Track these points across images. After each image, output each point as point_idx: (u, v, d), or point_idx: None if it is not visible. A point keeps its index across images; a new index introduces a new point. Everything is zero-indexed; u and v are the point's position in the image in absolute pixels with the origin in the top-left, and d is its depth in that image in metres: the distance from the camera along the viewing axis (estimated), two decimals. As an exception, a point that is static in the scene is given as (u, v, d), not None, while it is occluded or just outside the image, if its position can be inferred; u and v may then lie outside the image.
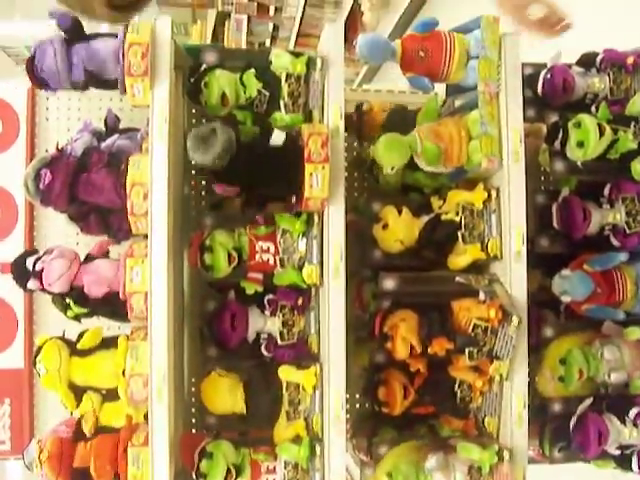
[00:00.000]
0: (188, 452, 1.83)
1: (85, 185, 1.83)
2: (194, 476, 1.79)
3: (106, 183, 1.81)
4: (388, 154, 1.89)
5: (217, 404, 1.94)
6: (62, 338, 1.89)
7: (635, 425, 1.97)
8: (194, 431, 2.12)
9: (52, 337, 1.88)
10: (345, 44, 1.96)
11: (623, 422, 1.99)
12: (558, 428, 2.07)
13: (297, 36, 5.72)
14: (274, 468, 1.86)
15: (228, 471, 1.80)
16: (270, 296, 1.95)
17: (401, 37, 1.97)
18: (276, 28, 5.83)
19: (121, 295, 1.79)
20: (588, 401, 2.03)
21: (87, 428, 1.84)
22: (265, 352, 1.93)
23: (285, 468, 1.83)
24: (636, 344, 2.09)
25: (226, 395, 1.92)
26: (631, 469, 2.02)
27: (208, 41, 5.28)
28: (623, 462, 2.04)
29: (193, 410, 2.16)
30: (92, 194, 1.83)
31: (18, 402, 2.21)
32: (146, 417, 1.81)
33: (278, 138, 1.84)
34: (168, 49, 1.79)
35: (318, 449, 1.85)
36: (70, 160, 1.85)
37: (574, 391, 2.07)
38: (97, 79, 1.86)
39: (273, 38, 5.89)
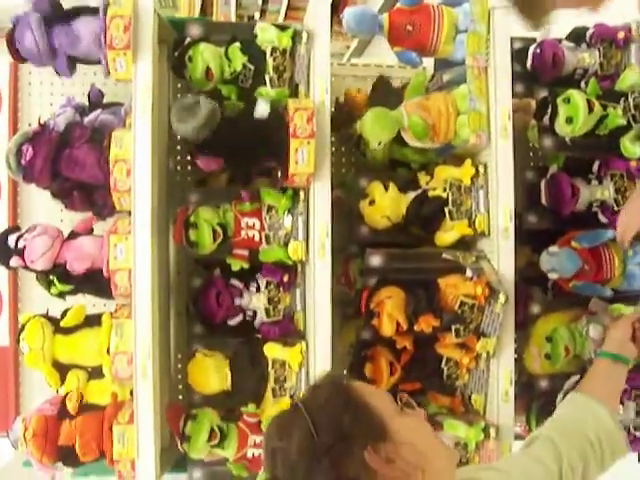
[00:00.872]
0: (174, 419, 1.83)
1: (67, 161, 1.81)
2: (179, 441, 1.79)
3: (88, 159, 1.79)
4: (375, 129, 1.88)
5: (204, 385, 1.93)
6: (46, 316, 1.88)
7: (621, 402, 1.97)
8: (181, 408, 2.12)
9: (36, 315, 1.87)
10: (334, 17, 1.93)
11: (609, 399, 1.99)
12: (545, 404, 2.07)
13: (287, 9, 5.65)
14: (261, 443, 1.85)
15: (212, 432, 1.81)
16: (256, 273, 1.94)
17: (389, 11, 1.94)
18: (265, 1, 5.75)
19: (105, 272, 1.77)
20: (574, 378, 2.03)
21: (71, 406, 1.83)
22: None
23: (272, 444, 1.83)
24: (622, 321, 2.08)
25: (212, 375, 1.91)
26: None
27: (196, 14, 5.21)
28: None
29: (180, 387, 2.14)
30: (74, 170, 1.80)
31: (3, 380, 2.19)
32: (132, 394, 1.80)
33: (262, 108, 1.82)
34: (151, 22, 1.76)
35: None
36: (52, 135, 1.82)
37: (560, 368, 2.07)
38: (81, 61, 1.84)
39: (263, 11, 5.80)
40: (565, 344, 2.03)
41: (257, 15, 5.83)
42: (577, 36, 2.16)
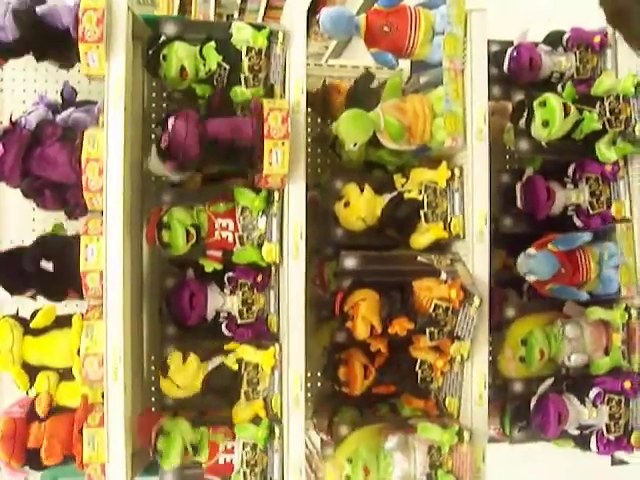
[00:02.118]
0: (145, 430, 1.80)
1: (39, 159, 1.77)
2: (152, 453, 1.77)
3: (60, 157, 1.76)
4: (351, 130, 1.87)
5: (175, 388, 1.90)
6: (15, 317, 1.85)
7: (595, 406, 1.98)
8: (153, 410, 2.09)
9: (5, 316, 1.83)
10: (312, 18, 1.92)
11: (583, 403, 2.00)
12: (519, 408, 2.08)
13: (266, 8, 5.63)
14: (232, 448, 1.84)
15: (185, 449, 1.79)
16: (230, 274, 1.92)
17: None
18: (244, 0, 5.73)
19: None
20: (549, 381, 2.04)
21: (41, 408, 1.80)
22: (227, 331, 1.90)
23: (243, 449, 1.82)
24: (597, 325, 2.09)
25: (186, 378, 1.89)
26: (590, 449, 2.03)
27: (175, 12, 5.18)
28: (582, 442, 2.05)
29: (153, 389, 2.12)
30: (46, 169, 1.77)
31: (-28, 382, 2.16)
32: (103, 397, 1.77)
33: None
34: (124, 17, 1.74)
35: (277, 430, 1.83)
36: (23, 133, 1.78)
37: (535, 371, 2.08)
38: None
39: (241, 10, 5.78)
40: (540, 347, 2.04)
41: (236, 14, 5.81)
42: (554, 40, 2.17)
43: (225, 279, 1.92)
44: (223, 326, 1.92)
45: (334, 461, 1.85)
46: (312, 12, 1.93)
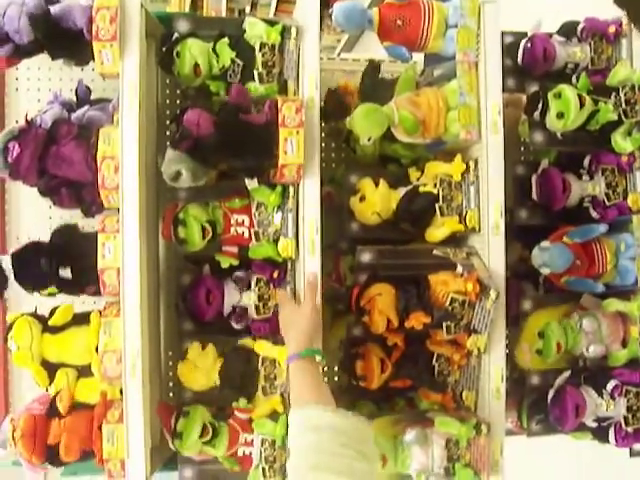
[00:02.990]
0: (166, 416, 1.82)
1: (54, 158, 1.78)
2: (170, 438, 1.79)
3: (75, 156, 1.76)
4: (365, 124, 1.86)
5: (194, 381, 1.92)
6: (34, 315, 1.86)
7: (612, 398, 1.97)
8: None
9: (24, 314, 1.85)
10: (325, 11, 1.92)
11: (600, 395, 1.99)
12: (536, 401, 2.07)
13: (278, 2, 5.62)
14: (252, 441, 1.85)
15: (204, 428, 1.80)
16: (238, 273, 1.93)
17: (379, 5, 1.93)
18: (256, -6, 5.73)
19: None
20: (566, 374, 2.03)
21: (62, 405, 1.81)
22: (236, 325, 1.90)
23: (262, 445, 1.82)
24: (614, 316, 2.08)
25: (204, 371, 1.90)
26: (608, 441, 2.02)
27: (187, 8, 5.17)
28: (600, 434, 2.05)
29: (170, 384, 2.13)
30: (61, 167, 1.78)
31: (-8, 379, 2.18)
32: (121, 393, 1.79)
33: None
34: (138, 15, 1.74)
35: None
36: (39, 132, 1.80)
37: (552, 364, 2.07)
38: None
39: (253, 4, 5.76)
40: (557, 339, 2.03)
41: (248, 8, 5.80)
42: (568, 30, 2.15)
43: (236, 277, 1.93)
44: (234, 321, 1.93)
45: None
46: (324, 5, 1.92)
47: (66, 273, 1.78)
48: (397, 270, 1.91)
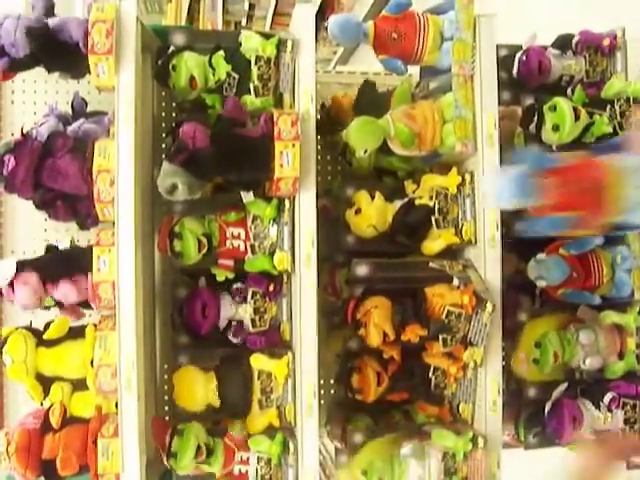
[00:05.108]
0: (160, 434, 1.80)
1: (50, 171, 1.78)
2: (165, 457, 1.77)
3: (71, 169, 1.76)
4: (361, 137, 1.86)
5: (189, 399, 1.91)
6: (29, 328, 1.85)
7: (609, 410, 1.97)
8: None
9: (18, 328, 1.84)
10: (320, 24, 1.92)
11: (598, 407, 1.99)
12: (533, 413, 2.07)
13: (274, 15, 5.63)
14: (247, 459, 1.83)
15: (199, 449, 1.78)
16: (237, 285, 1.92)
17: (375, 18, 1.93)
18: (252, 7, 5.72)
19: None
20: (563, 386, 2.03)
21: (54, 419, 1.80)
22: (234, 339, 1.89)
23: (258, 463, 1.81)
24: (611, 329, 2.08)
25: (199, 389, 1.89)
26: (605, 454, 2.01)
27: (183, 20, 5.18)
28: (598, 447, 2.04)
29: (165, 398, 2.12)
30: (57, 180, 1.78)
31: (-14, 393, 2.17)
32: (117, 407, 1.78)
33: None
34: (133, 28, 1.74)
35: (292, 446, 1.83)
36: (34, 145, 1.79)
37: (549, 375, 2.07)
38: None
39: (249, 17, 5.78)
40: (554, 350, 2.03)
41: (244, 21, 5.81)
42: (563, 43, 2.16)
43: (234, 288, 1.92)
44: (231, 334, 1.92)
45: (349, 472, 1.85)
46: (320, 17, 1.93)
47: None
48: (393, 283, 1.90)
